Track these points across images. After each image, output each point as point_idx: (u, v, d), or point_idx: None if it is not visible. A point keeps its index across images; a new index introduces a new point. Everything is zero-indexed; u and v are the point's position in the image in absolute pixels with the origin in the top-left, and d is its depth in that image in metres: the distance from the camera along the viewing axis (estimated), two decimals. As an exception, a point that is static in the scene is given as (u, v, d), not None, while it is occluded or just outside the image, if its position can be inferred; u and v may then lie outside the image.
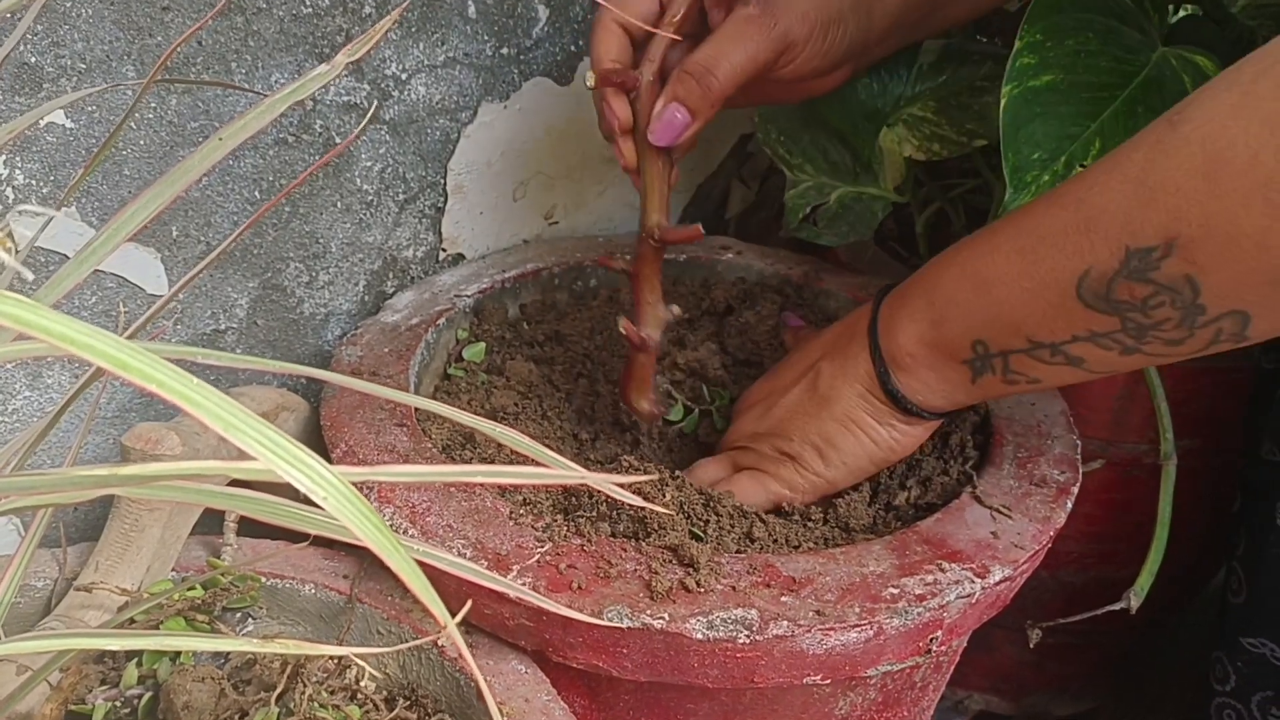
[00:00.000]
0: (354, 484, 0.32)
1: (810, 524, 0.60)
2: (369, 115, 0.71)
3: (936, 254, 0.85)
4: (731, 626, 0.50)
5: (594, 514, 0.58)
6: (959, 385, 0.56)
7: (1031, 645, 0.71)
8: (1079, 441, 0.65)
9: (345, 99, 0.70)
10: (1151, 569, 0.71)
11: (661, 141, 0.58)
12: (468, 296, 0.75)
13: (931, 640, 0.54)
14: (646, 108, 0.58)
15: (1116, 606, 0.70)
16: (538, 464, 0.37)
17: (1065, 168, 0.60)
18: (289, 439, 0.29)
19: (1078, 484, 0.62)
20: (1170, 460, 0.74)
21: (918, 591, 0.52)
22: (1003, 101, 0.61)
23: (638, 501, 0.41)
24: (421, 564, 0.51)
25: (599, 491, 0.64)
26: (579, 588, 0.51)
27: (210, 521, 0.66)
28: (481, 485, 0.58)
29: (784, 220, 0.81)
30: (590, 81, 0.57)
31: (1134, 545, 0.86)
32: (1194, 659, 0.93)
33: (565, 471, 0.36)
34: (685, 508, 0.58)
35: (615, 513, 0.60)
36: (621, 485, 0.37)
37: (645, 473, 0.60)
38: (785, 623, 0.50)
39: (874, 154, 0.77)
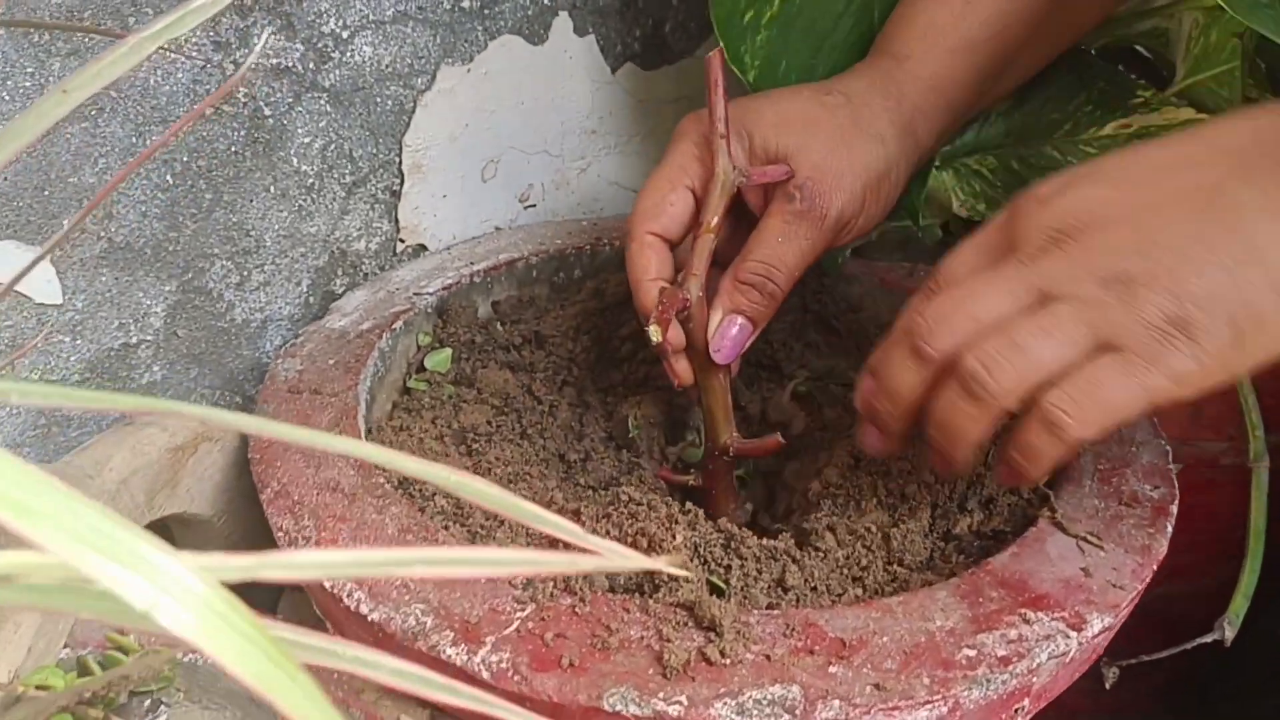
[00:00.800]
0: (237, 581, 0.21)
1: (849, 563, 0.49)
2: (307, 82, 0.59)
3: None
4: (769, 710, 0.39)
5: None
6: None
7: (1108, 686, 0.60)
8: (1169, 448, 0.54)
9: (274, 61, 0.58)
10: (1247, 591, 0.60)
11: (728, 359, 0.53)
12: (430, 294, 0.63)
13: (1017, 712, 0.43)
14: (700, 324, 0.52)
15: (1209, 639, 0.60)
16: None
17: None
18: (126, 524, 0.19)
19: (1175, 501, 0.51)
20: (1262, 461, 0.63)
21: (1000, 653, 0.41)
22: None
23: (642, 565, 0.29)
24: (371, 623, 0.39)
25: (592, 524, 0.53)
26: (571, 664, 0.40)
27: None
28: (446, 529, 0.47)
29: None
30: (656, 336, 0.50)
31: (1210, 556, 0.76)
32: (1274, 682, 0.83)
33: (555, 559, 0.25)
34: (701, 550, 0.47)
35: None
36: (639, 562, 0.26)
37: (649, 506, 0.49)
38: (837, 702, 0.39)
39: (918, 201, 0.65)
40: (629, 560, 0.28)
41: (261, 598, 0.55)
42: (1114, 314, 0.40)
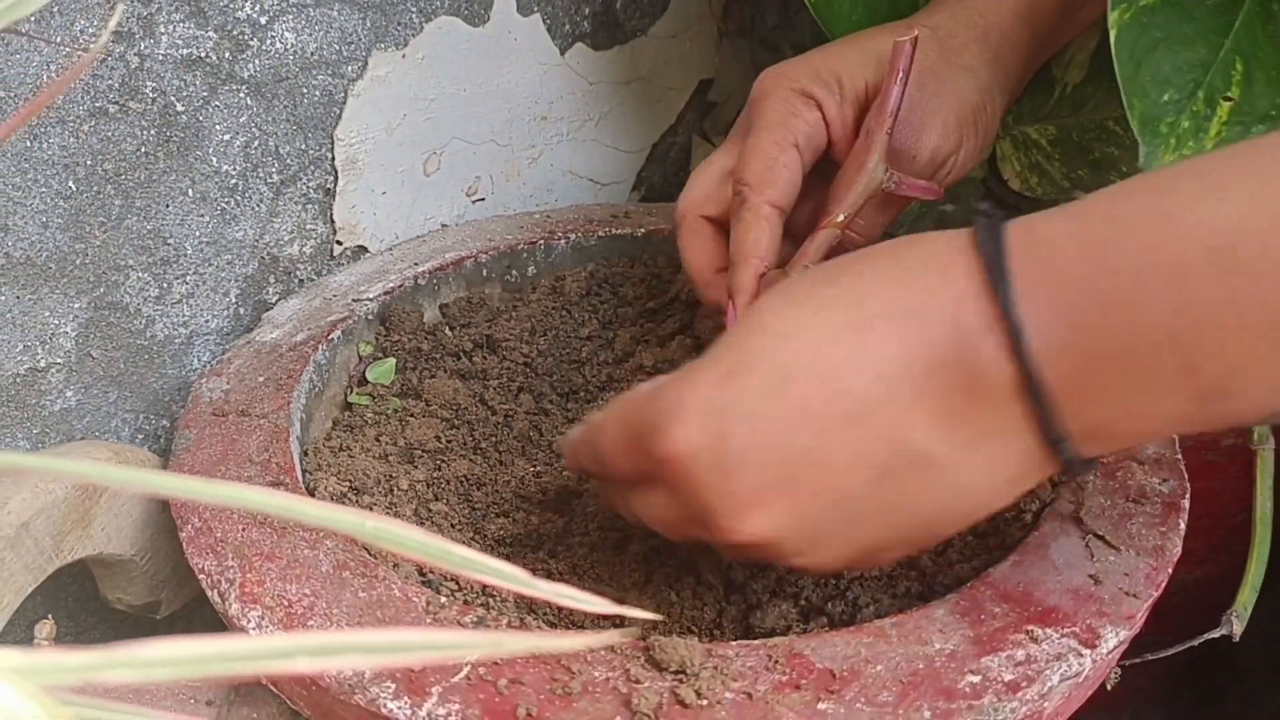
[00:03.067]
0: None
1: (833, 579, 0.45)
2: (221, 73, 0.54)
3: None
4: (752, 758, 0.34)
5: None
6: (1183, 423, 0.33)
7: (1109, 688, 0.56)
8: (1175, 437, 0.50)
9: (184, 51, 0.53)
10: (1254, 583, 0.57)
11: None
12: (370, 300, 0.58)
13: (1027, 740, 0.39)
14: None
15: (1216, 634, 0.56)
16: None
17: (1206, 105, 0.44)
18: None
19: (1187, 495, 0.47)
20: (1266, 444, 0.60)
21: (1007, 677, 0.37)
22: (1112, 35, 0.46)
23: (602, 607, 0.25)
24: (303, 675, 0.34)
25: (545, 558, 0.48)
26: (529, 715, 0.36)
27: (36, 609, 0.49)
28: (385, 566, 0.42)
29: None
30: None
31: (1210, 543, 0.72)
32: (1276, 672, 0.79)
33: (472, 641, 0.20)
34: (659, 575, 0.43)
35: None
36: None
37: (613, 528, 0.45)
38: (828, 744, 0.35)
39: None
40: (589, 605, 0.24)
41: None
42: (750, 555, 0.38)
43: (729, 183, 0.49)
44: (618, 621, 0.40)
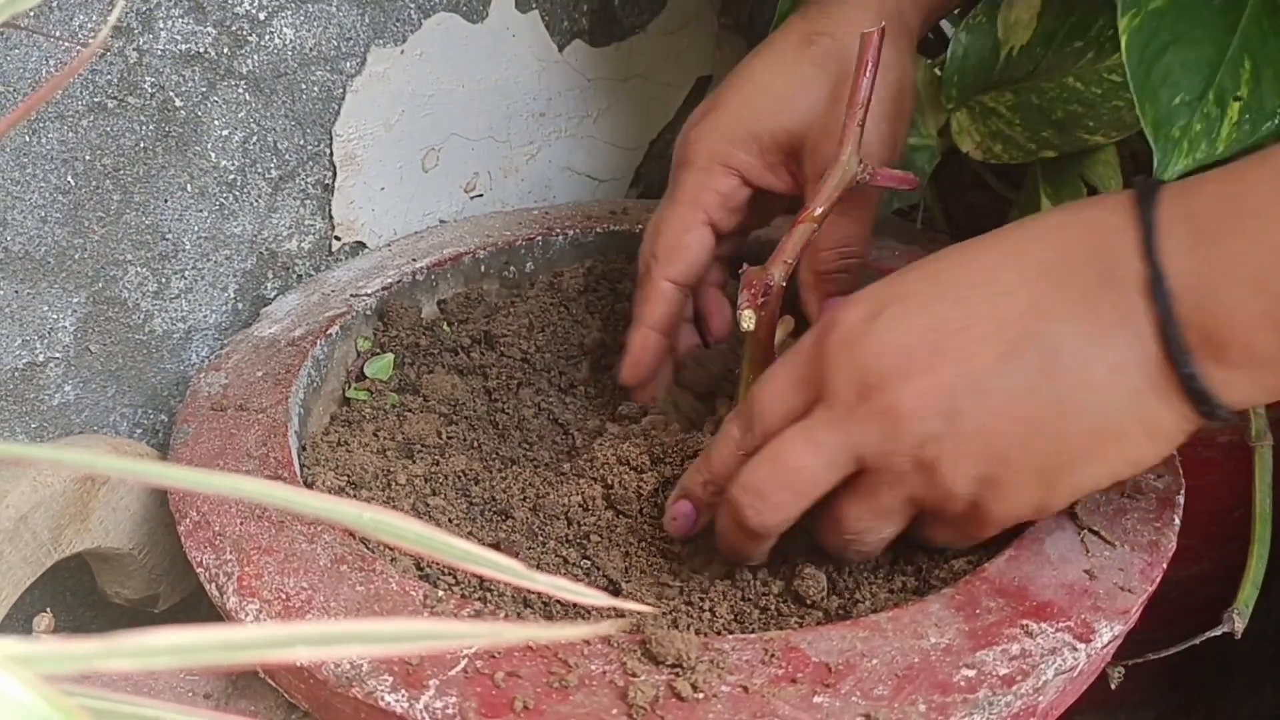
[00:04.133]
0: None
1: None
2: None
3: (951, 206, 0.69)
4: (748, 751, 0.34)
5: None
6: None
7: (1113, 686, 0.57)
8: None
9: (183, 47, 0.53)
10: (1255, 579, 0.57)
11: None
12: (369, 295, 0.58)
13: (1022, 733, 0.39)
14: (770, 314, 0.47)
15: (1217, 632, 0.56)
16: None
17: (1217, 105, 0.45)
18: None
19: (1182, 491, 0.47)
20: (1264, 440, 0.60)
21: (1002, 671, 0.37)
22: (1123, 40, 0.46)
23: (599, 600, 0.25)
24: (301, 668, 0.35)
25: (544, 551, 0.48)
26: (525, 708, 0.36)
27: (35, 602, 0.49)
28: (383, 560, 0.42)
29: None
30: (748, 323, 0.46)
31: (1207, 540, 0.72)
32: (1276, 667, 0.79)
33: (471, 631, 0.20)
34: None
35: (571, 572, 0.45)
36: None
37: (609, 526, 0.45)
38: (824, 737, 0.35)
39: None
40: (586, 597, 0.24)
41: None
42: (923, 489, 0.40)
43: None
44: (615, 615, 0.41)
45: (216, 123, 0.55)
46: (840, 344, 0.40)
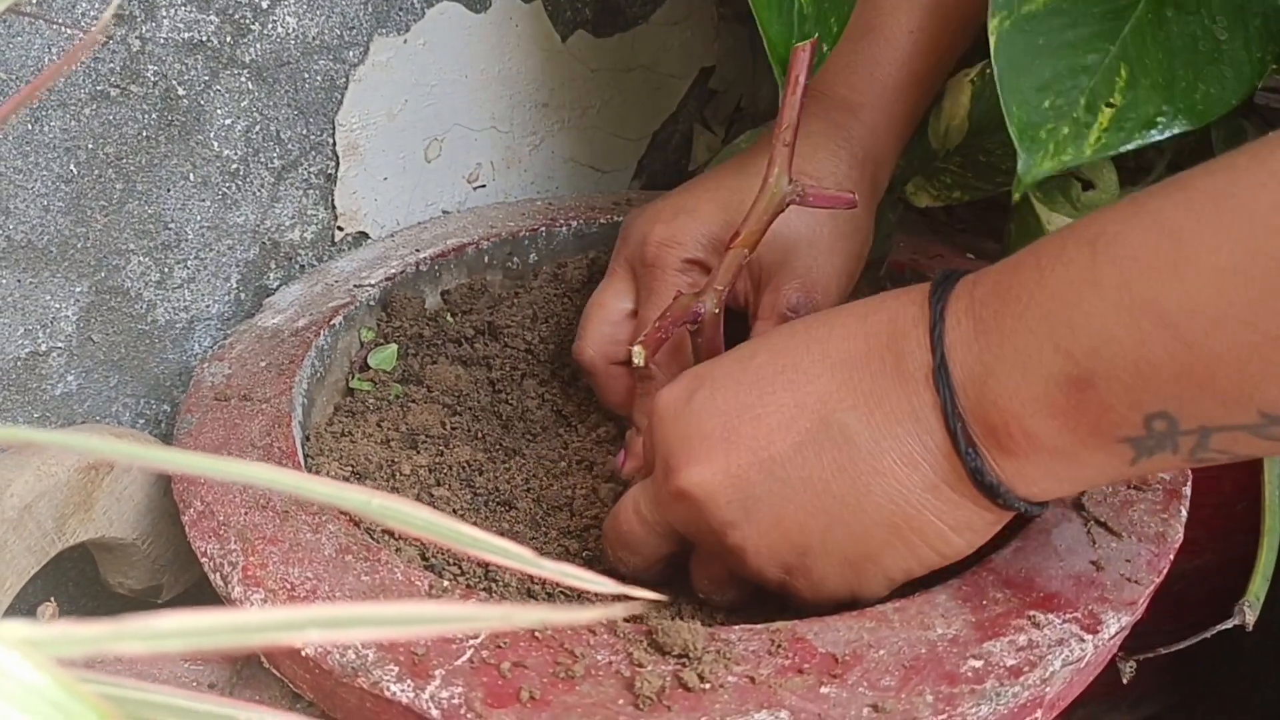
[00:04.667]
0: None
1: None
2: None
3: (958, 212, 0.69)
4: (755, 741, 0.34)
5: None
6: (1105, 468, 0.35)
7: (1125, 680, 0.56)
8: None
9: (186, 35, 0.53)
10: (1266, 572, 0.57)
11: None
12: (372, 286, 0.58)
13: (1028, 725, 0.39)
14: (711, 341, 0.47)
15: (1228, 625, 0.56)
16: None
17: (1088, 112, 0.44)
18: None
19: (1188, 482, 0.47)
20: (1270, 432, 0.60)
21: (1009, 662, 0.37)
22: (992, 40, 0.46)
23: (607, 587, 0.25)
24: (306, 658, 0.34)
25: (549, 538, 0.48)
26: (532, 698, 0.36)
27: (38, 592, 0.49)
28: (388, 550, 0.42)
29: None
30: (639, 359, 0.46)
31: (1213, 533, 0.72)
32: None
33: (484, 614, 0.20)
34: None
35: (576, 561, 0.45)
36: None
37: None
38: (831, 727, 0.35)
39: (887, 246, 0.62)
40: (593, 584, 0.24)
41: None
42: (734, 564, 0.41)
43: (628, 323, 0.52)
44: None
45: (219, 112, 0.55)
46: (658, 420, 0.41)
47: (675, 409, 0.41)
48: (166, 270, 0.56)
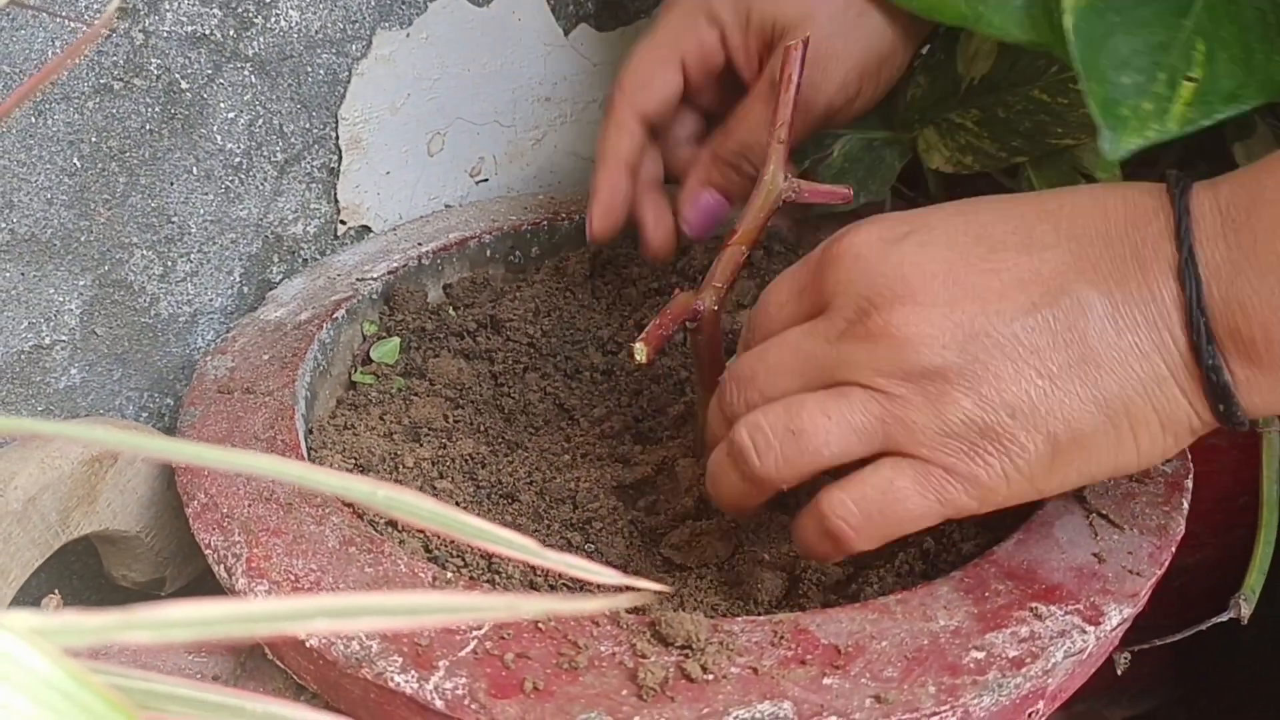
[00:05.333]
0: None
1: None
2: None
3: (950, 191, 0.69)
4: (758, 732, 0.34)
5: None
6: None
7: (1119, 672, 0.57)
8: (1178, 416, 0.50)
9: (189, 29, 0.53)
10: (1262, 565, 0.57)
11: (697, 231, 0.55)
12: (374, 279, 0.58)
13: (1030, 715, 0.39)
14: (711, 338, 0.46)
15: (1224, 617, 0.56)
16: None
17: (1169, 87, 0.44)
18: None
19: (1190, 475, 0.47)
20: (1272, 426, 0.60)
21: (1011, 653, 0.37)
22: (1069, 21, 0.46)
23: (611, 578, 0.25)
24: (310, 649, 0.35)
25: (554, 521, 0.48)
26: (535, 688, 0.36)
27: (41, 585, 0.50)
28: (391, 542, 0.42)
29: None
30: (640, 356, 0.43)
31: (1211, 526, 0.72)
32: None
33: (487, 604, 0.20)
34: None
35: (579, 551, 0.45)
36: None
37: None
38: (834, 718, 0.35)
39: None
40: (596, 575, 0.24)
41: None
42: (915, 414, 0.36)
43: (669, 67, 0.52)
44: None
45: (222, 105, 0.55)
46: (851, 257, 0.38)
47: (881, 247, 0.38)
48: (170, 264, 0.56)
